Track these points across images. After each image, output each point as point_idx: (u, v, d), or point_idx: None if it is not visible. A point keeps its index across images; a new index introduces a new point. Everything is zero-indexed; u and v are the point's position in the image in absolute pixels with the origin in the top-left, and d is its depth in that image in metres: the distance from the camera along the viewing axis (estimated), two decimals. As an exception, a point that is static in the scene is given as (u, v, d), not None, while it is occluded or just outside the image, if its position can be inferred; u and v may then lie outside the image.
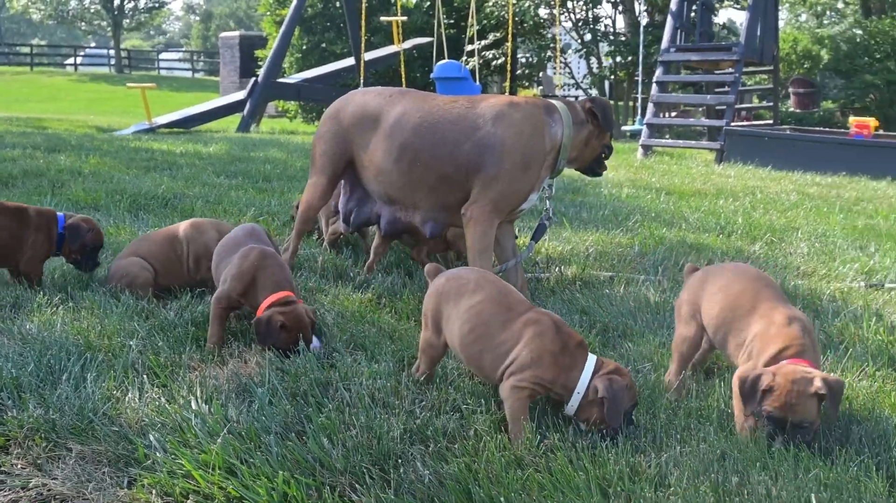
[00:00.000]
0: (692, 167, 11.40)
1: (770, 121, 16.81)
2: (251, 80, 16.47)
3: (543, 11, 23.45)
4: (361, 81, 16.39)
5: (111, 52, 52.37)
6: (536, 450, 2.39)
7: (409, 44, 19.38)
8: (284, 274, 3.34)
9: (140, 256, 3.91)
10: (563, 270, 4.57)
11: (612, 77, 23.81)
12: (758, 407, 2.44)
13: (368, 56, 17.80)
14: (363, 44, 16.78)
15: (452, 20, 23.12)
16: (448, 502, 2.17)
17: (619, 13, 23.99)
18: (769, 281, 2.88)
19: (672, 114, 18.85)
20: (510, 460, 2.33)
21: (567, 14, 23.52)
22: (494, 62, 23.18)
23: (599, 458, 2.33)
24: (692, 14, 15.07)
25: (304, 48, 23.83)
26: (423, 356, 2.89)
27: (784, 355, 2.54)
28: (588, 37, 23.19)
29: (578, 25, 23.60)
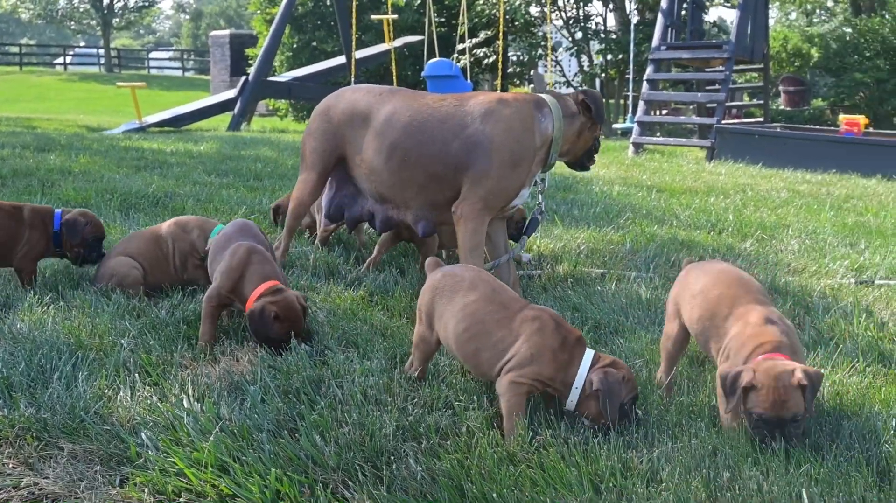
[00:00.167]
0: (683, 165, 11.44)
1: (760, 118, 16.85)
2: (242, 79, 16.41)
3: (534, 9, 23.46)
4: (352, 80, 16.37)
5: (101, 52, 52.11)
6: (529, 446, 2.39)
7: (400, 42, 19.36)
8: (272, 268, 3.34)
9: (129, 255, 3.89)
10: (555, 267, 4.58)
11: (603, 75, 23.83)
12: (746, 410, 2.43)
13: (359, 54, 17.79)
14: (354, 42, 16.76)
15: (443, 18, 23.12)
16: (440, 499, 2.18)
17: (610, 11, 24.01)
18: (750, 285, 2.83)
19: (663, 112, 18.86)
20: (502, 456, 2.34)
21: (558, 12, 23.52)
22: (486, 60, 23.18)
23: (591, 454, 2.34)
24: (683, 12, 15.10)
25: (295, 46, 23.75)
26: (417, 351, 2.90)
27: (758, 352, 2.51)
28: (579, 35, 23.18)
29: (569, 23, 23.62)
